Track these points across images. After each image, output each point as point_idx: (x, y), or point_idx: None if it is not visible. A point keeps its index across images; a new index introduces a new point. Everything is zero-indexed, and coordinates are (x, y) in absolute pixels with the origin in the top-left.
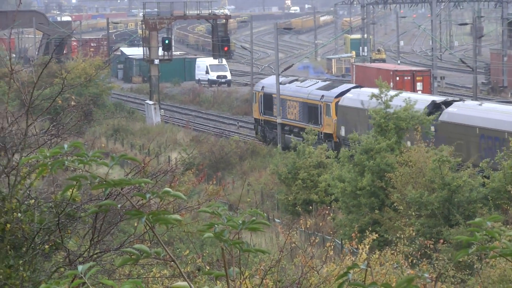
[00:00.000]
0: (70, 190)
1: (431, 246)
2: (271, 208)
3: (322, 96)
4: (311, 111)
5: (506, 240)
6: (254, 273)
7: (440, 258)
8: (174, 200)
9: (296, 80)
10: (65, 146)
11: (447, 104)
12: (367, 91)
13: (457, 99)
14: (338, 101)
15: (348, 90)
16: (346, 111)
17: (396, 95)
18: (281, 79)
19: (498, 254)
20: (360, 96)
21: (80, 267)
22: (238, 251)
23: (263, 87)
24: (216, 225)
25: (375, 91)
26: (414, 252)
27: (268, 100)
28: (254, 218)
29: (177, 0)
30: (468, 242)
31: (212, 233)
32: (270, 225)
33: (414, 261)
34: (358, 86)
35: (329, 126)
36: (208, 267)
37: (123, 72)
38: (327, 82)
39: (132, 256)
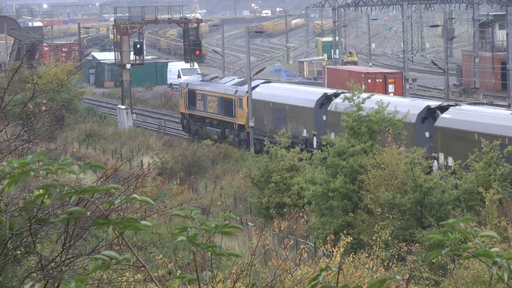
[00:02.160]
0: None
1: (405, 248)
2: (244, 212)
3: (236, 91)
4: (227, 104)
5: (479, 240)
6: (226, 277)
7: (414, 260)
8: (145, 205)
9: (216, 77)
10: (29, 157)
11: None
12: (274, 86)
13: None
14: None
15: (258, 85)
16: (255, 103)
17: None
18: (202, 76)
19: (471, 255)
20: (267, 90)
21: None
22: (211, 255)
23: (187, 84)
24: (189, 229)
25: (282, 85)
26: (389, 255)
27: (192, 96)
28: (227, 222)
29: (148, 4)
30: (441, 243)
31: (185, 236)
32: (242, 228)
33: (390, 264)
34: (267, 82)
35: (241, 118)
36: (179, 271)
37: (95, 77)
38: (242, 79)
39: (104, 263)
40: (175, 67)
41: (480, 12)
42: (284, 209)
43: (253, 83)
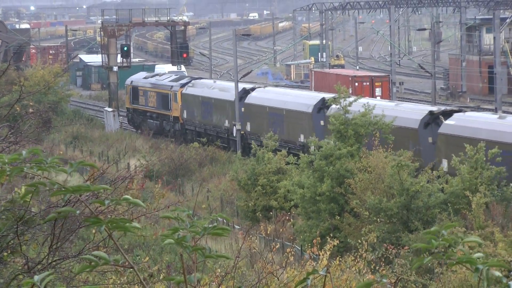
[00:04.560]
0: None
1: (393, 251)
2: (230, 215)
3: (172, 86)
4: (164, 99)
5: (464, 246)
6: (211, 279)
7: (401, 263)
8: (132, 207)
9: (157, 74)
10: (24, 152)
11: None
12: (203, 82)
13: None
14: (182, 90)
15: (190, 82)
16: (187, 98)
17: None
18: (145, 74)
19: (455, 262)
20: (197, 86)
21: (36, 277)
22: (195, 257)
23: (132, 81)
24: (179, 231)
25: (209, 81)
26: (376, 258)
27: (135, 92)
28: (215, 224)
29: (136, 7)
30: (426, 249)
31: (174, 239)
32: (230, 230)
33: (377, 267)
34: (199, 78)
35: (176, 111)
36: (163, 273)
37: (82, 79)
38: (177, 76)
39: (91, 263)
40: (163, 70)
41: (467, 15)
42: (271, 212)
43: (187, 79)
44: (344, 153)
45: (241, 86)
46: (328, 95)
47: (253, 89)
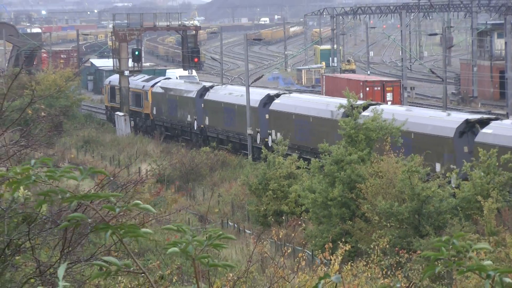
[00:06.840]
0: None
1: (405, 255)
2: (241, 219)
3: (144, 86)
4: (137, 97)
5: (475, 253)
6: (224, 283)
7: (414, 268)
8: (143, 212)
9: (132, 75)
10: (32, 161)
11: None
12: (170, 81)
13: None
14: (152, 89)
15: (159, 81)
16: (156, 96)
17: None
18: None
19: (465, 269)
20: (165, 85)
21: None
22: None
23: (110, 81)
24: (179, 244)
25: (176, 81)
26: (388, 264)
27: (113, 91)
28: (221, 232)
29: (147, 11)
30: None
31: (178, 248)
32: (235, 238)
33: (388, 272)
34: (167, 78)
35: (147, 108)
36: (175, 278)
37: (93, 83)
38: (150, 76)
39: (104, 270)
40: (174, 74)
41: (479, 20)
42: (282, 217)
43: (158, 79)
44: (354, 159)
45: (202, 84)
46: (273, 91)
47: (212, 87)
